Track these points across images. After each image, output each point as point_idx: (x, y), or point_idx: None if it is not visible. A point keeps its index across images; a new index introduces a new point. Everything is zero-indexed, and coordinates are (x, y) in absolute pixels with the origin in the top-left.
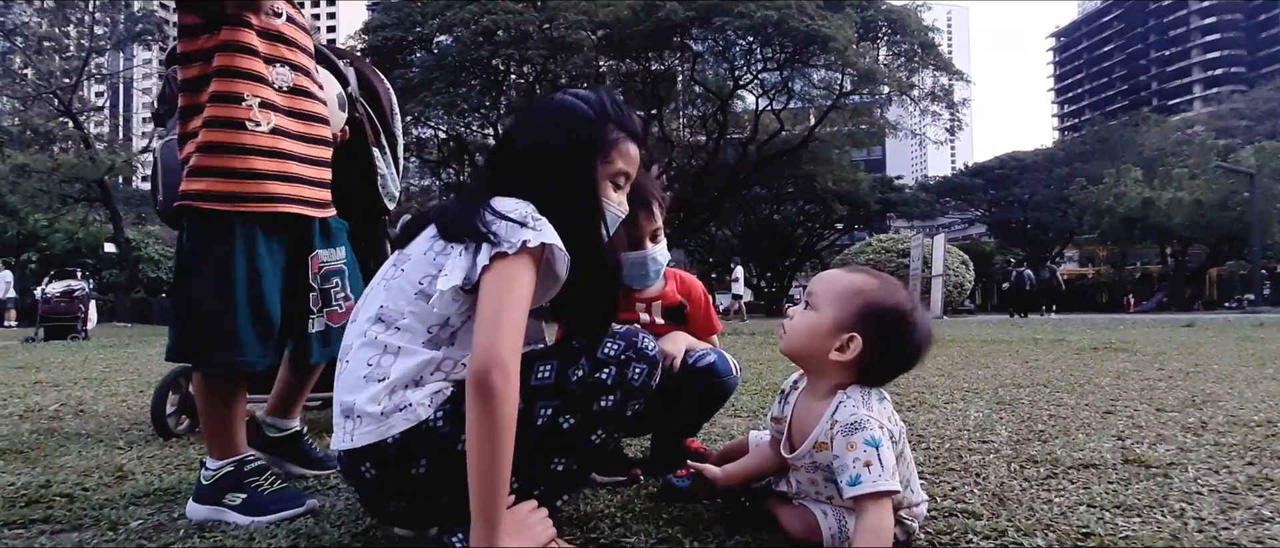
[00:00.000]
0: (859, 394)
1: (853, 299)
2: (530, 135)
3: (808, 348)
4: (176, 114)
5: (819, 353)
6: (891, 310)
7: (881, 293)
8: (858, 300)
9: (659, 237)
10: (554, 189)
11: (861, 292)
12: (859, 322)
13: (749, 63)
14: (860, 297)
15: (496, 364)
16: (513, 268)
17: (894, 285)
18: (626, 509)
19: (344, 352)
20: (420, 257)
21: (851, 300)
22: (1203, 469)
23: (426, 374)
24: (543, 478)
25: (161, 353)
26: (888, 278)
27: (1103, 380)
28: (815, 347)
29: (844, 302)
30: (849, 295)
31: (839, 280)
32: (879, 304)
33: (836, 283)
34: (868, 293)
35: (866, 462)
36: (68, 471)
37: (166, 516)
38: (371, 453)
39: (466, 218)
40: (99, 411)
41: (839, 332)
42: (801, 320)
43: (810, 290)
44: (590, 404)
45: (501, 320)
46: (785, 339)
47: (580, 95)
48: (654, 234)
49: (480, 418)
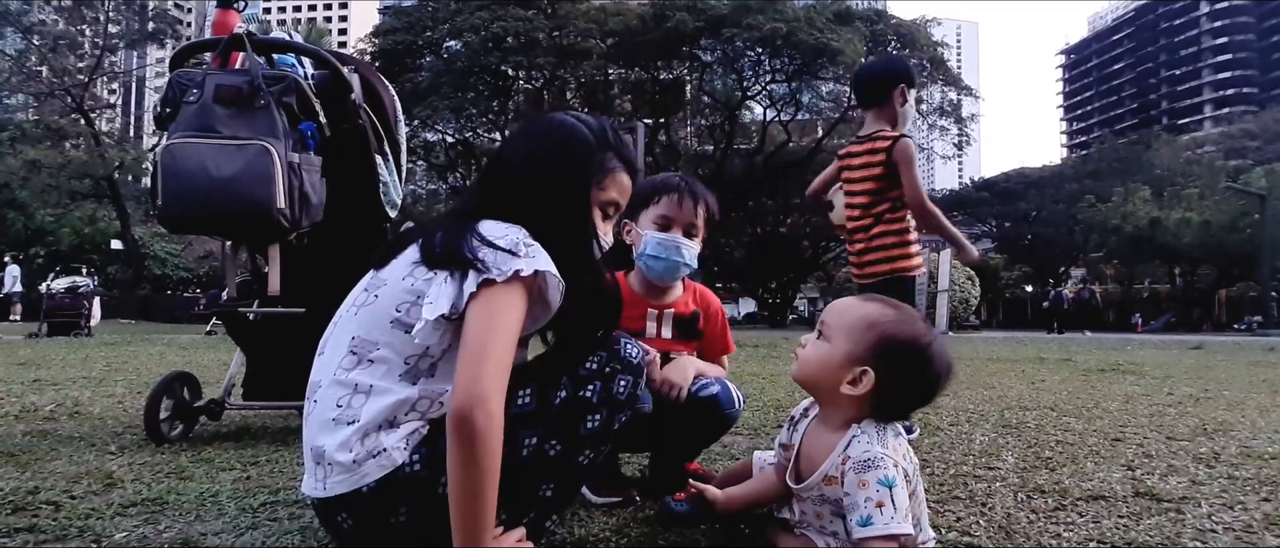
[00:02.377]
0: (874, 430)
1: (866, 332)
2: (526, 155)
3: (819, 380)
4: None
5: (831, 385)
6: (906, 344)
7: (896, 326)
8: (871, 334)
9: (694, 236)
10: (548, 212)
11: (875, 324)
12: (872, 356)
13: (757, 74)
14: (873, 330)
15: (480, 402)
16: (502, 297)
17: (910, 317)
18: (621, 533)
19: (312, 388)
20: (398, 282)
21: (865, 334)
22: (1217, 505)
23: (401, 415)
24: (531, 505)
25: (163, 352)
26: (905, 308)
27: (1111, 405)
28: (827, 379)
29: (857, 335)
30: (862, 328)
31: (852, 311)
32: (893, 338)
33: (849, 313)
34: (882, 326)
35: (879, 502)
36: (57, 476)
37: (152, 527)
38: (347, 503)
39: (453, 243)
40: (95, 412)
41: (851, 365)
42: (813, 350)
43: (823, 320)
44: (576, 426)
45: (487, 354)
46: (797, 368)
47: (580, 119)
48: (689, 229)
49: (462, 459)
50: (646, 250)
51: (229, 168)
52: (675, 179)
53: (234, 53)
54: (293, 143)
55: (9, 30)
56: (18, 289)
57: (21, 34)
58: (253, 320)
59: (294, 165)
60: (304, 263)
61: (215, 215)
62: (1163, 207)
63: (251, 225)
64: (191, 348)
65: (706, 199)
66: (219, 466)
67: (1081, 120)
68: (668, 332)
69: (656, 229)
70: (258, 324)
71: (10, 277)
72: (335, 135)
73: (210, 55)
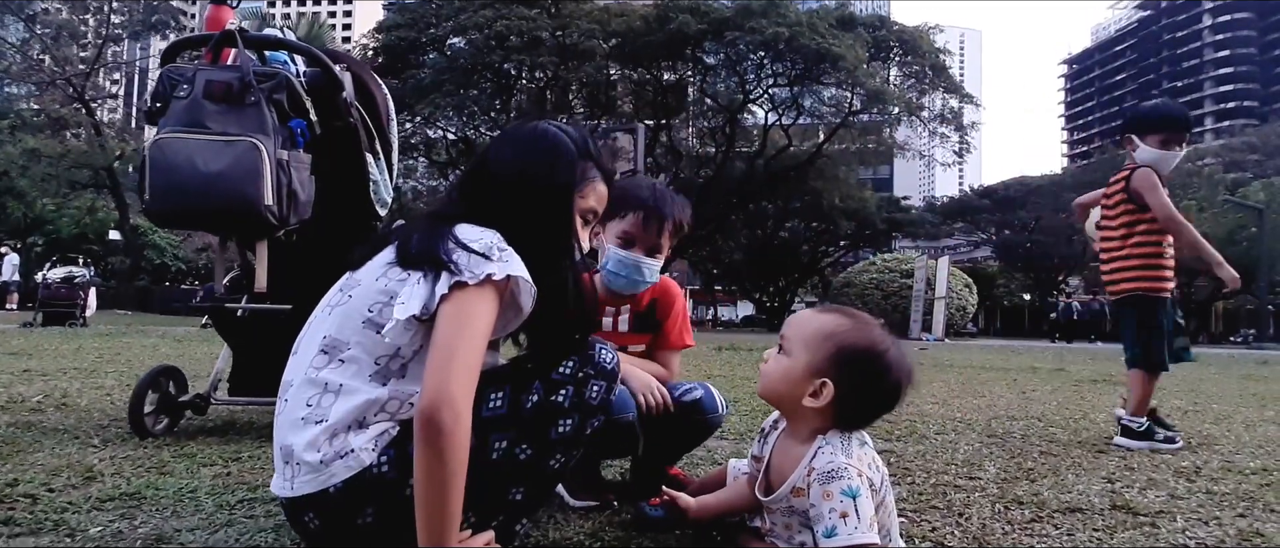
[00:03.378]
0: (838, 440)
1: (823, 344)
2: (509, 162)
3: (782, 393)
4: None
5: (793, 398)
6: (864, 353)
7: (853, 335)
8: (828, 345)
9: (656, 255)
10: (529, 219)
11: (832, 335)
12: (831, 367)
13: (759, 78)
14: (831, 341)
15: (447, 403)
16: (473, 300)
17: (867, 325)
18: (596, 537)
19: (284, 387)
20: (371, 283)
21: (822, 345)
22: (1192, 520)
23: (370, 415)
24: (500, 509)
25: (156, 344)
26: (862, 317)
27: (1098, 416)
28: (789, 392)
29: (815, 346)
30: (819, 340)
31: (809, 323)
32: (851, 347)
33: (807, 326)
34: (838, 336)
35: (843, 512)
36: (37, 469)
37: (127, 522)
38: (314, 503)
39: (428, 244)
40: (82, 404)
41: (811, 377)
42: (775, 365)
43: (783, 333)
44: (547, 431)
45: (456, 356)
46: (760, 383)
47: (562, 128)
48: (651, 249)
49: (428, 460)
50: (608, 265)
51: (217, 163)
52: (645, 194)
53: (226, 49)
54: (282, 140)
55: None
56: (15, 278)
57: (24, 23)
58: (240, 316)
59: (283, 162)
60: (293, 260)
61: (202, 210)
62: None
63: (239, 221)
64: (186, 341)
65: (673, 218)
66: (200, 461)
67: (1083, 130)
68: (624, 326)
69: (619, 245)
70: (245, 320)
71: (9, 265)
72: (326, 133)
73: (202, 51)
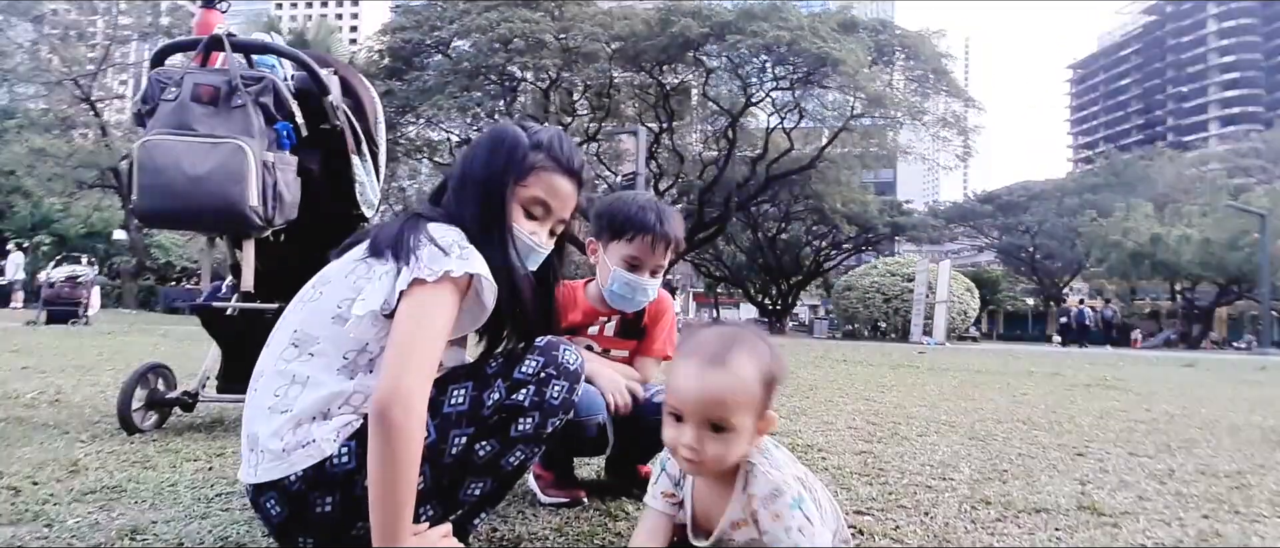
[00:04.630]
0: (758, 455)
1: (761, 387)
2: (462, 156)
3: (736, 459)
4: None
5: (741, 457)
6: (779, 363)
7: (767, 356)
8: (763, 383)
9: (658, 274)
10: (467, 209)
11: (761, 373)
12: (769, 397)
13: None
14: (763, 378)
15: (399, 399)
16: (432, 297)
17: (751, 335)
18: (561, 532)
19: (256, 376)
20: (341, 279)
21: (760, 389)
22: (1155, 520)
23: (334, 407)
24: (458, 503)
25: (159, 342)
26: (737, 335)
27: (1084, 420)
28: (740, 454)
29: (755, 396)
30: (756, 387)
31: (733, 382)
32: (774, 367)
33: (738, 390)
34: (764, 367)
35: (798, 527)
36: (23, 463)
37: (105, 514)
38: (275, 489)
39: (394, 238)
40: (75, 400)
41: (761, 425)
42: (719, 447)
43: (710, 416)
44: (507, 428)
45: (412, 352)
46: (704, 468)
47: (525, 125)
48: (655, 269)
49: (381, 452)
50: (613, 286)
51: (203, 165)
52: (651, 219)
53: (214, 53)
54: (268, 142)
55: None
56: (21, 277)
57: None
58: (228, 315)
59: (268, 164)
60: (280, 260)
61: (189, 211)
62: (1164, 223)
63: (224, 222)
64: (186, 340)
65: (674, 239)
66: (184, 456)
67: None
68: (611, 330)
69: (625, 267)
70: (232, 318)
71: (13, 264)
72: (313, 135)
73: (191, 54)
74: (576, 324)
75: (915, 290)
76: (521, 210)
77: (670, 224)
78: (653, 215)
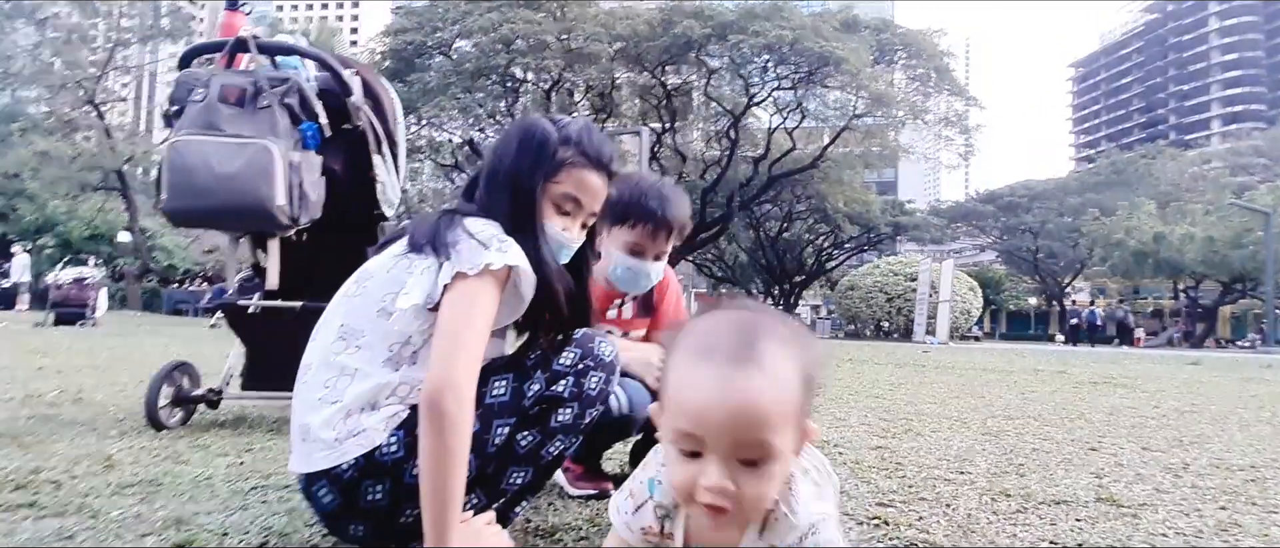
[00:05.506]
0: (802, 482)
1: (802, 387)
2: (492, 151)
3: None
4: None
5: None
6: (813, 349)
7: (804, 349)
8: (804, 386)
9: (661, 258)
10: (499, 205)
11: (800, 370)
12: (809, 400)
13: (764, 80)
14: (803, 376)
15: (450, 388)
16: (474, 289)
17: (773, 317)
18: (593, 522)
19: (304, 369)
20: (384, 274)
21: (802, 392)
22: (1174, 511)
23: (382, 398)
24: (502, 491)
25: (167, 343)
26: (756, 319)
27: (1095, 416)
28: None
29: (799, 408)
30: (799, 393)
31: (772, 398)
32: (809, 351)
33: (778, 403)
34: (803, 363)
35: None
36: (58, 458)
37: (146, 506)
38: (327, 478)
39: (435, 234)
40: (98, 399)
41: (803, 439)
42: (757, 484)
43: (743, 441)
44: (548, 419)
45: (459, 343)
46: (739, 516)
47: (555, 119)
48: (658, 255)
49: (432, 442)
50: (616, 271)
51: (231, 165)
52: (654, 204)
53: (239, 54)
54: (293, 142)
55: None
56: (27, 279)
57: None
58: (252, 313)
59: (294, 164)
60: (303, 259)
61: (217, 210)
62: (1167, 221)
63: (252, 220)
64: (195, 341)
65: (677, 225)
66: (214, 452)
67: (1089, 133)
68: (629, 311)
69: (627, 253)
70: (256, 317)
71: (19, 266)
72: (335, 135)
73: (217, 56)
74: (596, 309)
75: (918, 290)
76: (553, 207)
77: (673, 210)
78: (655, 202)
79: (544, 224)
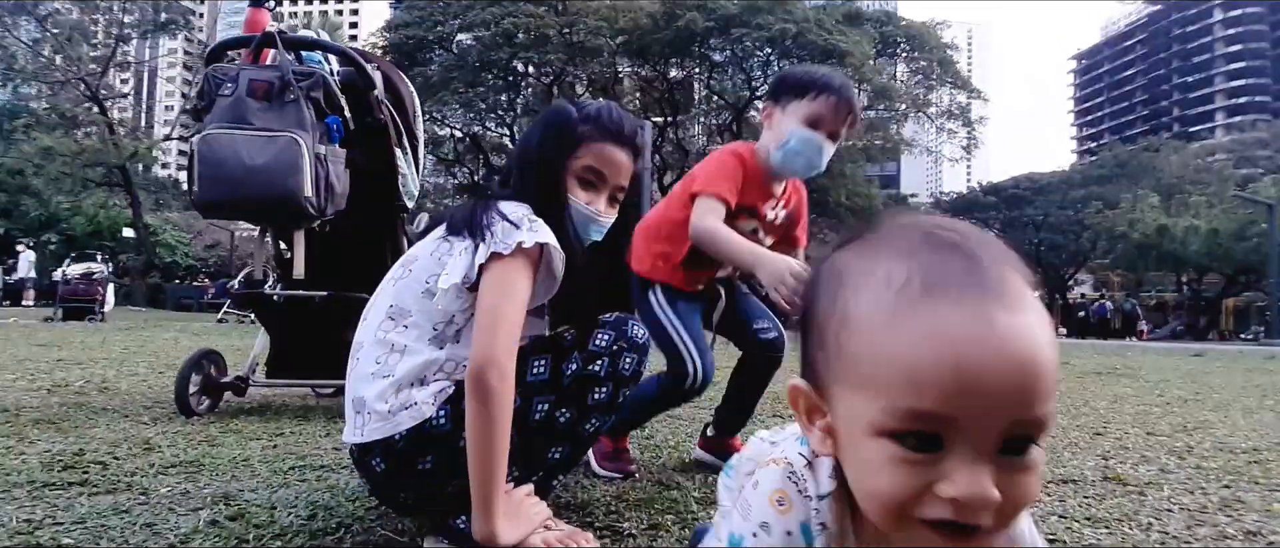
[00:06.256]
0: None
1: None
2: (522, 138)
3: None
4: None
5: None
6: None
7: (1028, 274)
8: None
9: (836, 139)
10: (528, 186)
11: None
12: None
13: (766, 74)
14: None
15: (492, 364)
16: (509, 268)
17: (997, 244)
18: (621, 499)
19: (356, 347)
20: (427, 257)
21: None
22: (1179, 489)
23: (430, 374)
24: (541, 465)
25: (176, 337)
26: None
27: (1099, 404)
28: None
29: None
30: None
31: (1049, 352)
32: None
33: (1051, 359)
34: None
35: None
36: (98, 441)
37: (192, 484)
38: (380, 448)
39: (470, 215)
40: (123, 388)
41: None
42: (1025, 483)
43: (1021, 420)
44: (584, 397)
45: (498, 321)
46: (1004, 526)
47: (577, 101)
48: (833, 134)
49: (478, 415)
50: (790, 144)
51: (261, 157)
52: (836, 79)
53: (265, 49)
54: (319, 135)
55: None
56: (32, 275)
57: (37, 22)
58: (278, 302)
59: (320, 156)
60: (326, 249)
61: (247, 201)
62: (1171, 214)
63: (281, 212)
64: (204, 334)
65: (857, 111)
66: (247, 436)
67: (1092, 126)
68: (779, 217)
69: (804, 125)
70: (281, 306)
71: (25, 262)
72: (358, 129)
73: (243, 52)
74: (753, 204)
75: None
76: (576, 182)
77: (851, 91)
78: (838, 79)
79: (569, 200)
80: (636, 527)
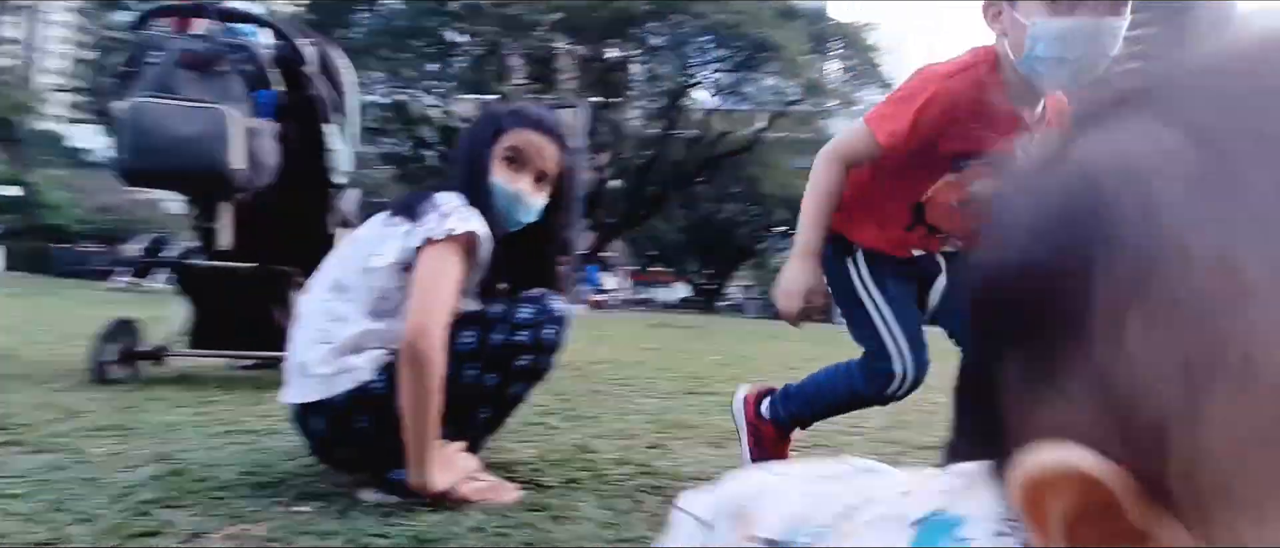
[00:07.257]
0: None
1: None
2: (460, 138)
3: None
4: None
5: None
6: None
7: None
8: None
9: (541, 183)
10: (459, 175)
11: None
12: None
13: (703, 61)
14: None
15: (424, 333)
16: (441, 252)
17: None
18: (543, 458)
19: (300, 316)
20: (369, 236)
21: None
22: None
23: (368, 343)
24: (469, 425)
25: (73, 304)
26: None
27: None
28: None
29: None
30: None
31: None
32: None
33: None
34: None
35: None
36: (19, 407)
37: (126, 445)
38: (321, 408)
39: (411, 204)
40: (28, 357)
41: None
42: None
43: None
44: (509, 363)
45: (431, 297)
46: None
47: (508, 103)
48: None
49: (411, 380)
50: (1037, 49)
51: (189, 128)
52: None
53: (194, 19)
54: (249, 108)
55: None
56: None
57: None
58: (201, 274)
59: (250, 129)
60: (254, 221)
61: (174, 171)
62: None
63: (207, 183)
64: (98, 303)
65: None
66: (174, 403)
67: None
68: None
69: (1053, 14)
70: (206, 278)
71: None
72: (291, 103)
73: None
74: (973, 147)
75: None
76: (501, 163)
77: None
78: None
79: (493, 180)
80: (555, 481)
